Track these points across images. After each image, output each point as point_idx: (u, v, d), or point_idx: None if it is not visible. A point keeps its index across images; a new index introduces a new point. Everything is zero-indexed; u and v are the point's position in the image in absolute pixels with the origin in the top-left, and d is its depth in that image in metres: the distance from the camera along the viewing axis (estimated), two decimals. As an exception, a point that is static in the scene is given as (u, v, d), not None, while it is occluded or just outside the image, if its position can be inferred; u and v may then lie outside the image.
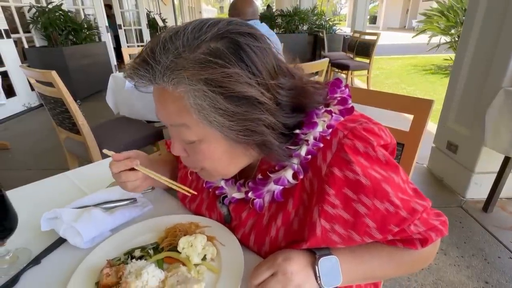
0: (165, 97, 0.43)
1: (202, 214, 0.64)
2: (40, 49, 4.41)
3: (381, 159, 0.46)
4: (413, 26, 17.19)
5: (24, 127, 3.60)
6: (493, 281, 1.36)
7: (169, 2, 9.76)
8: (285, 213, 0.51)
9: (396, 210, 0.45)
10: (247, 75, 0.40)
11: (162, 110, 0.45)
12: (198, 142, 0.45)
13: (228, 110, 0.40)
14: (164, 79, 0.40)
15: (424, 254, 0.52)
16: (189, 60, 0.39)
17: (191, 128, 0.44)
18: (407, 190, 0.48)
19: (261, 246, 0.54)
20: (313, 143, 0.47)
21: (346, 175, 0.45)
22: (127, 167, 0.60)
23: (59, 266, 0.55)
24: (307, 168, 0.49)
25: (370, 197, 0.45)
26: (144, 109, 2.18)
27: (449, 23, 5.80)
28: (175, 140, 0.48)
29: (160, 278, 0.48)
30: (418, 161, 2.41)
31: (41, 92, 1.64)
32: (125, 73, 0.44)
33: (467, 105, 1.98)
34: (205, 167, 0.49)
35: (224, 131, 0.43)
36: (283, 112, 0.45)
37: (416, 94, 4.60)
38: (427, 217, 0.49)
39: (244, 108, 0.41)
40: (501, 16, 1.67)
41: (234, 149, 0.47)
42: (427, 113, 0.78)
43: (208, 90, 0.39)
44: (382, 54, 8.39)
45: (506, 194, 1.86)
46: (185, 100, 0.40)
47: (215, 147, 0.46)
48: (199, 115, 0.41)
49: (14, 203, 0.56)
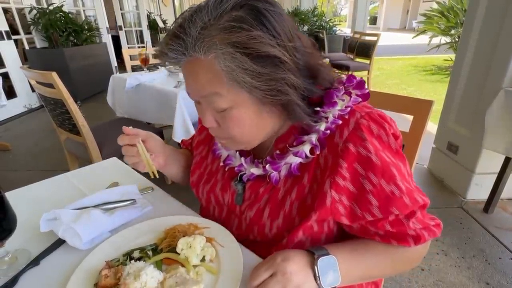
0: (197, 68, 0.46)
1: (215, 195, 0.64)
2: (40, 50, 4.42)
3: (392, 146, 0.50)
4: (414, 27, 17.20)
5: (24, 128, 3.61)
6: (494, 282, 1.36)
7: (170, 3, 9.78)
8: (300, 187, 0.53)
9: (400, 194, 0.48)
10: (268, 37, 0.43)
11: (194, 83, 0.48)
12: (229, 109, 0.48)
13: (255, 70, 0.44)
14: (195, 48, 0.44)
15: (415, 253, 0.54)
16: (215, 28, 0.43)
17: (222, 95, 0.46)
18: (411, 182, 0.52)
19: (274, 219, 0.55)
20: (332, 120, 0.51)
21: (359, 151, 0.48)
22: (130, 143, 0.62)
23: (58, 267, 0.55)
24: (324, 144, 0.52)
25: (378, 176, 0.48)
26: (145, 110, 2.18)
27: (449, 23, 5.80)
28: (206, 113, 0.51)
29: (158, 279, 0.47)
30: (419, 162, 2.41)
31: (41, 93, 1.65)
32: (158, 52, 0.48)
33: (468, 106, 1.98)
34: (234, 134, 0.51)
35: (253, 92, 0.46)
36: (301, 75, 0.48)
37: (416, 94, 4.60)
38: (422, 217, 0.52)
39: (269, 69, 0.44)
40: (501, 17, 1.67)
41: (261, 113, 0.50)
42: (427, 114, 0.78)
43: (236, 52, 0.42)
44: (383, 54, 8.39)
45: (506, 195, 1.85)
46: (216, 65, 0.44)
47: (244, 112, 0.48)
48: (230, 77, 0.44)
49: (14, 204, 0.56)
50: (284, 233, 0.55)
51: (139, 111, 2.23)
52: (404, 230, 0.50)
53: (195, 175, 0.69)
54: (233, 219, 0.63)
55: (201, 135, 0.73)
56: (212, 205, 0.67)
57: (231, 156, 0.62)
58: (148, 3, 8.14)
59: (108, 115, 2.61)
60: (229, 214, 0.64)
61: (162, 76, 2.26)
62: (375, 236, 0.52)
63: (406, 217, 0.50)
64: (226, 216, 0.65)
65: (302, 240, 0.55)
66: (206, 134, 0.71)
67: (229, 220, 0.64)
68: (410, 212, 0.51)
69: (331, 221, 0.55)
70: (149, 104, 2.09)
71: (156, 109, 2.06)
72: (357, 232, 0.54)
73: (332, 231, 0.56)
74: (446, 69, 6.36)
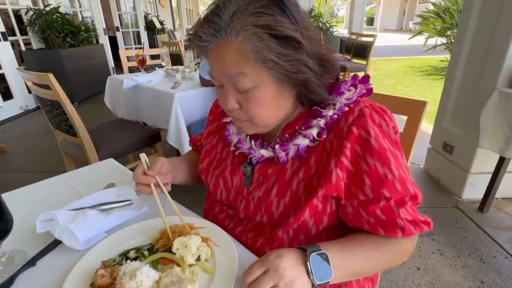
0: (226, 50, 0.51)
1: (225, 178, 0.68)
2: (37, 51, 4.41)
3: (392, 136, 0.55)
4: (410, 28, 17.28)
5: (21, 129, 3.59)
6: (488, 280, 1.37)
7: (167, 4, 9.78)
8: (307, 167, 0.57)
9: (393, 179, 0.52)
10: (289, 23, 0.49)
11: (221, 65, 0.52)
12: (251, 89, 0.53)
13: (279, 51, 0.49)
14: (227, 31, 0.49)
15: (403, 247, 0.56)
16: (246, 12, 0.49)
17: (247, 75, 0.51)
18: (406, 173, 0.55)
19: (281, 198, 0.58)
20: (339, 107, 0.56)
21: (361, 133, 0.53)
22: (145, 182, 0.66)
23: (54, 268, 0.55)
24: (330, 129, 0.56)
25: (374, 158, 0.52)
26: (142, 111, 2.18)
27: (445, 24, 5.85)
28: (229, 95, 0.55)
29: (154, 279, 0.48)
30: (415, 162, 2.43)
31: (38, 94, 1.65)
32: (190, 36, 0.53)
33: (463, 106, 2.00)
34: (254, 114, 0.55)
35: (276, 70, 0.51)
36: (315, 59, 0.53)
37: (413, 95, 4.63)
38: (412, 211, 0.54)
39: (290, 50, 0.50)
40: (495, 18, 1.69)
41: (280, 95, 0.55)
42: (421, 114, 0.80)
43: (264, 33, 0.48)
44: (379, 55, 8.44)
45: (501, 194, 1.87)
46: (245, 46, 0.49)
47: (265, 92, 0.53)
48: (256, 57, 0.49)
49: (10, 205, 0.56)
50: (290, 211, 0.57)
51: (136, 112, 2.23)
52: (393, 218, 0.52)
53: (205, 162, 0.73)
54: (240, 200, 0.65)
55: (212, 125, 0.78)
56: (220, 189, 0.69)
57: (242, 140, 0.66)
58: (146, 4, 8.13)
59: (106, 116, 2.61)
60: (236, 196, 0.66)
61: (159, 77, 2.26)
62: (365, 224, 0.54)
63: (397, 205, 0.52)
64: (233, 199, 0.67)
65: (306, 220, 0.57)
66: (217, 125, 0.76)
67: (236, 202, 0.66)
68: (401, 201, 0.53)
69: (333, 203, 0.57)
70: (146, 105, 2.09)
71: (153, 110, 2.06)
72: (351, 219, 0.56)
73: (334, 212, 0.58)
74: (442, 69, 6.41)
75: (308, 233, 0.59)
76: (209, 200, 0.75)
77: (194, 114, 1.90)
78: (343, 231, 0.59)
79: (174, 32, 8.53)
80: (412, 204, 0.54)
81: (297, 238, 0.59)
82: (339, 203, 0.57)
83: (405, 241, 0.55)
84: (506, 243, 1.58)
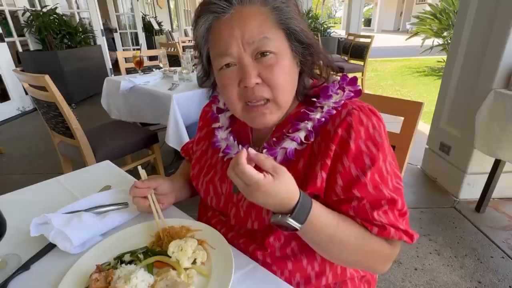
0: (247, 15, 0.51)
1: (214, 185, 0.67)
2: (34, 52, 4.38)
3: (377, 139, 0.53)
4: (407, 29, 17.37)
5: (18, 131, 3.57)
6: (485, 280, 1.37)
7: (165, 5, 9.77)
8: (295, 171, 0.56)
9: (365, 181, 0.51)
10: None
11: (243, 31, 0.51)
12: (273, 57, 0.53)
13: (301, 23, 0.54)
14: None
15: (382, 248, 0.53)
16: None
17: (271, 39, 0.52)
18: (388, 179, 0.53)
19: None
20: (327, 110, 0.56)
21: (342, 135, 0.53)
22: (141, 195, 0.65)
23: (48, 272, 0.55)
24: (318, 132, 0.56)
25: (349, 159, 0.52)
26: (139, 113, 2.17)
27: (442, 25, 5.88)
28: (250, 68, 0.53)
29: (149, 282, 0.48)
30: (412, 162, 2.44)
31: (34, 96, 1.64)
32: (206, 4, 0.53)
33: (459, 107, 2.01)
34: (279, 85, 0.54)
35: (294, 44, 0.55)
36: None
37: (410, 96, 4.65)
38: (393, 218, 0.51)
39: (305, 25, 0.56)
40: (491, 19, 1.70)
41: (294, 69, 0.57)
42: (417, 115, 0.80)
43: (290, 3, 0.54)
44: (377, 56, 8.48)
45: (498, 194, 1.88)
46: (271, 11, 0.52)
47: (286, 62, 0.54)
48: (282, 22, 0.53)
49: (4, 208, 0.56)
50: None
51: (133, 113, 2.23)
52: (367, 219, 0.51)
53: (195, 169, 0.73)
54: (230, 207, 0.65)
55: (202, 131, 0.77)
56: (210, 196, 0.69)
57: (230, 145, 0.65)
58: (143, 5, 8.12)
59: (103, 118, 2.60)
60: (226, 203, 0.66)
61: (156, 78, 2.25)
62: None
63: (371, 206, 0.51)
64: (223, 205, 0.66)
65: None
66: (206, 131, 0.75)
67: (227, 209, 0.66)
68: (376, 203, 0.51)
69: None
70: (144, 106, 2.09)
71: (150, 111, 2.05)
72: None
73: None
74: (439, 70, 6.44)
75: (299, 238, 0.57)
76: (202, 205, 0.75)
77: (191, 115, 1.90)
78: None
79: (172, 33, 8.52)
80: (390, 209, 0.51)
81: (288, 243, 0.58)
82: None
83: (385, 245, 0.53)
84: (503, 243, 1.59)
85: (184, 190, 0.78)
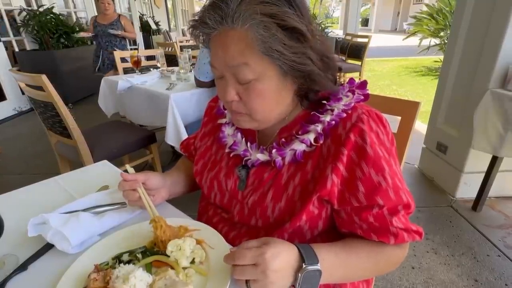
0: (230, 39, 0.49)
1: (219, 181, 0.67)
2: (31, 52, 4.36)
3: (387, 144, 0.55)
4: (404, 29, 17.45)
5: (14, 131, 3.55)
6: (482, 279, 1.39)
7: (162, 5, 9.74)
8: (303, 173, 0.56)
9: (387, 187, 0.52)
10: (295, 15, 0.49)
11: (224, 54, 0.51)
12: (253, 81, 0.52)
13: (286, 41, 0.48)
14: (233, 18, 0.48)
15: (394, 255, 0.56)
16: (253, 1, 0.48)
17: (250, 66, 0.50)
18: (401, 181, 0.54)
19: (277, 202, 0.57)
20: (337, 113, 0.56)
21: (357, 140, 0.53)
22: (130, 188, 0.65)
23: (46, 272, 0.55)
24: (328, 134, 0.56)
25: (368, 165, 0.52)
26: (137, 113, 2.17)
27: (439, 25, 5.92)
28: (229, 86, 0.54)
29: (148, 282, 0.48)
30: (409, 162, 2.45)
31: (31, 96, 1.63)
32: (194, 22, 0.52)
33: (456, 106, 2.02)
34: (254, 107, 0.54)
35: (282, 59, 0.49)
36: (317, 54, 0.53)
37: (407, 95, 4.67)
38: (405, 220, 0.54)
39: (295, 42, 0.49)
40: (487, 19, 1.71)
41: (281, 89, 0.54)
42: (414, 115, 0.80)
43: (271, 22, 0.47)
44: (374, 56, 8.50)
45: (494, 193, 1.90)
46: (250, 34, 0.48)
47: (267, 85, 0.52)
48: (262, 46, 0.48)
49: (1, 209, 0.56)
50: (285, 216, 0.57)
51: (131, 113, 2.22)
52: (386, 225, 0.52)
53: (199, 164, 0.72)
54: (234, 204, 0.65)
55: (207, 127, 0.76)
56: (214, 192, 0.68)
57: (237, 142, 0.65)
58: (141, 5, 8.08)
59: (101, 117, 2.59)
60: (230, 199, 0.66)
61: (154, 78, 2.25)
62: (358, 229, 0.54)
63: (390, 213, 0.52)
64: (227, 202, 0.66)
65: (302, 225, 0.57)
66: (212, 126, 0.75)
67: (230, 206, 0.66)
68: (394, 210, 0.53)
69: (329, 208, 0.57)
70: (141, 106, 2.08)
71: (148, 111, 2.05)
72: (344, 224, 0.56)
73: (329, 217, 0.58)
74: (436, 70, 6.47)
75: (303, 237, 0.59)
76: (203, 203, 0.75)
77: (189, 115, 1.90)
78: (338, 235, 0.59)
79: (170, 33, 8.49)
80: (404, 213, 0.54)
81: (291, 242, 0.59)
82: (332, 208, 0.56)
83: (397, 250, 0.56)
84: (499, 241, 1.60)
85: (179, 185, 0.77)
